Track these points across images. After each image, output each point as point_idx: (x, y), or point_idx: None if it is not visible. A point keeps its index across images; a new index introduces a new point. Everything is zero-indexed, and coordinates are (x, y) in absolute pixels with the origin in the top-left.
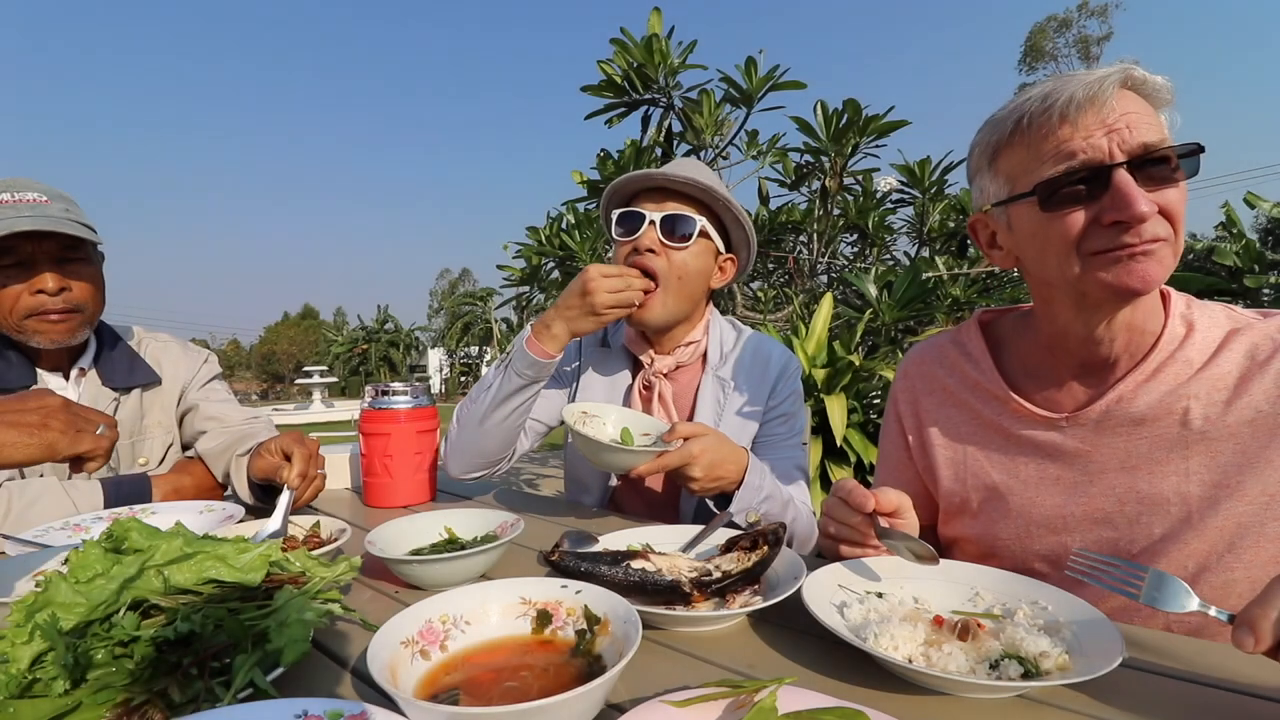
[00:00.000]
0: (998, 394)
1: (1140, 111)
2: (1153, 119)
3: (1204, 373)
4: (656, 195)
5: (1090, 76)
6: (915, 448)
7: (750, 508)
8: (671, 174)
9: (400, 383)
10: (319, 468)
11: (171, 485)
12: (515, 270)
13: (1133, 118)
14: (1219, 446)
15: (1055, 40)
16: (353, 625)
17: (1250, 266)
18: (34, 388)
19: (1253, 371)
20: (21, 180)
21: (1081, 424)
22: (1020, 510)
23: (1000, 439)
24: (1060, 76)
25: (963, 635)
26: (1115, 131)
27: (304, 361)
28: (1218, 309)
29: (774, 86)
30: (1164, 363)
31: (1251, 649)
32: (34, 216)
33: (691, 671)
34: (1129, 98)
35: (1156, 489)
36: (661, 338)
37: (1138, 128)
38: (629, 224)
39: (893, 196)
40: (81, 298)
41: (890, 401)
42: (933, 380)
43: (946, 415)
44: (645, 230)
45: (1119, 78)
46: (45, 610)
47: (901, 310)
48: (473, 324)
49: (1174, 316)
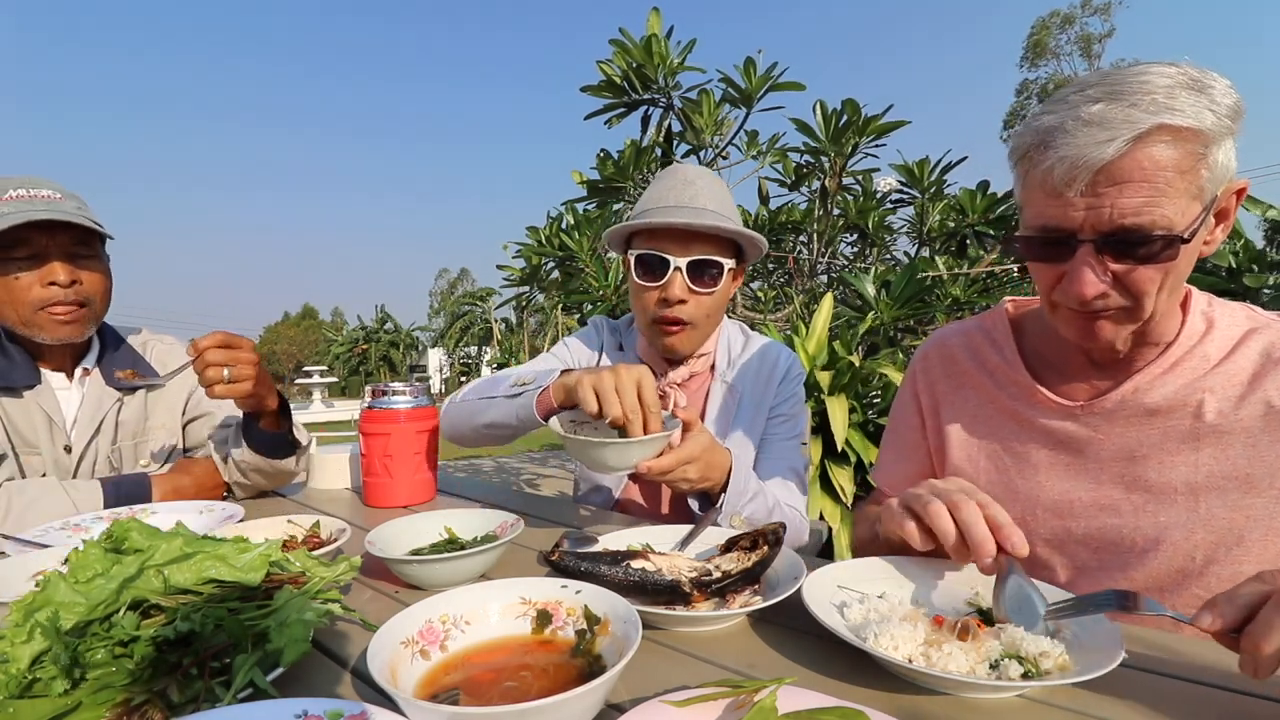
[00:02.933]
0: (1019, 380)
1: (1143, 182)
2: (1159, 188)
3: (1220, 368)
4: (678, 233)
5: (1103, 130)
6: (930, 428)
7: (736, 510)
8: (695, 223)
9: (400, 383)
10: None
11: (171, 485)
12: (515, 270)
13: (1124, 195)
14: (1229, 440)
15: (1058, 37)
16: (353, 625)
17: (1249, 266)
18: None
19: (1267, 369)
20: (36, 178)
21: (1096, 413)
22: (1027, 493)
23: (1014, 424)
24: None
25: (963, 635)
26: (1094, 210)
27: (304, 361)
28: (1238, 308)
29: (773, 87)
30: (1182, 357)
31: (1207, 625)
32: (49, 210)
33: (691, 671)
34: (1144, 157)
35: (1165, 479)
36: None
37: (1123, 207)
38: (652, 268)
39: (892, 196)
40: (91, 292)
41: (908, 379)
42: (953, 363)
43: (964, 397)
44: (672, 278)
45: (1142, 130)
46: (45, 610)
47: (900, 309)
48: (472, 324)
49: (1194, 313)
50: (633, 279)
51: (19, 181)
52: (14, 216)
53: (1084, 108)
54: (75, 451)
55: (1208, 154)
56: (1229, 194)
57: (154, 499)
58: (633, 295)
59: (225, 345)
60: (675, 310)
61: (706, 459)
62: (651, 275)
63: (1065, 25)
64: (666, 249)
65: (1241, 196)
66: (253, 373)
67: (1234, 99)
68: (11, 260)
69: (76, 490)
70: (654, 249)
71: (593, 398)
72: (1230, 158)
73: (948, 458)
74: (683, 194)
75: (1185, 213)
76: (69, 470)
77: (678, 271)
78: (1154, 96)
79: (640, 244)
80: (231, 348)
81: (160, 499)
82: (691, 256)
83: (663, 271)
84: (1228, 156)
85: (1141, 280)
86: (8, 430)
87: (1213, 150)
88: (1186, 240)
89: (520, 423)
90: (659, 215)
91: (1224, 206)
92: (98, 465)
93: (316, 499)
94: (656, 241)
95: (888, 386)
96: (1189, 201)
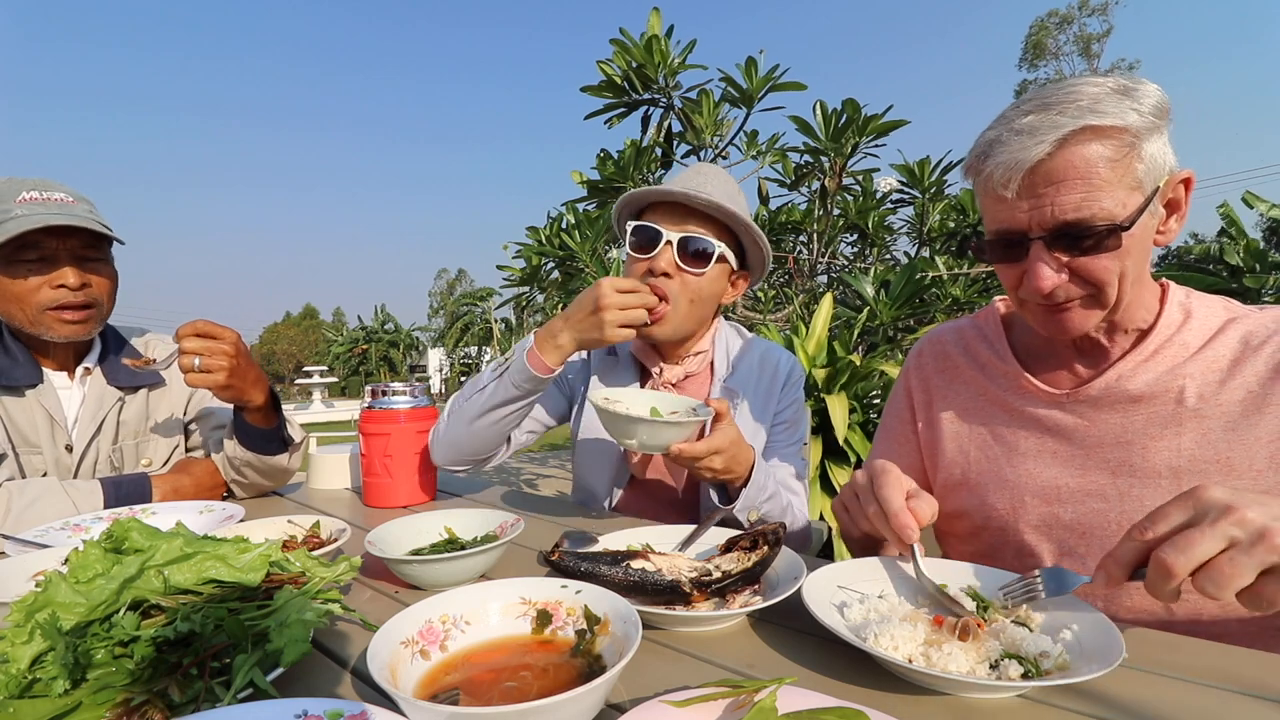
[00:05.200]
0: (1008, 371)
1: (1077, 179)
2: (1094, 183)
3: (1200, 355)
4: (676, 211)
5: (1031, 137)
6: (922, 421)
7: (754, 505)
8: (694, 194)
9: (400, 383)
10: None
11: (171, 485)
12: (515, 270)
13: (1061, 193)
14: (1210, 424)
15: (1057, 37)
16: (353, 625)
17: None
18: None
19: (1246, 355)
20: (48, 181)
21: (1081, 400)
22: (1015, 481)
23: (1004, 413)
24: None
25: (963, 635)
26: (1037, 210)
27: (304, 361)
28: (1216, 300)
29: (774, 87)
30: (1162, 345)
31: (1105, 585)
32: (62, 214)
33: (691, 671)
34: (1074, 156)
35: (1149, 463)
36: (670, 348)
37: (1062, 204)
38: (644, 239)
39: (893, 196)
40: (99, 294)
41: (902, 377)
42: (945, 358)
43: (955, 391)
44: (661, 251)
45: (1067, 132)
46: (45, 610)
47: (899, 309)
48: (472, 324)
49: (1171, 304)
50: (627, 254)
51: (32, 184)
52: (29, 220)
53: (1017, 120)
54: (76, 451)
55: (1138, 147)
56: (1174, 184)
57: (154, 499)
58: (626, 273)
59: (202, 334)
60: (662, 282)
61: (733, 451)
62: (643, 249)
63: (1064, 25)
64: (661, 222)
65: (1190, 187)
66: (227, 363)
67: (1159, 99)
68: (21, 262)
69: (77, 490)
70: (650, 222)
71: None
72: (1165, 151)
73: (940, 449)
74: (690, 180)
75: (1125, 204)
76: (70, 470)
77: (668, 245)
78: (1080, 103)
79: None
80: (209, 336)
81: (160, 499)
82: (685, 232)
83: (655, 245)
84: (1162, 150)
85: (1096, 269)
86: (8, 429)
87: (1143, 144)
88: (1127, 228)
89: (519, 389)
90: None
91: (1172, 197)
92: (99, 465)
93: (316, 499)
94: (653, 216)
95: (887, 386)
96: (1128, 193)
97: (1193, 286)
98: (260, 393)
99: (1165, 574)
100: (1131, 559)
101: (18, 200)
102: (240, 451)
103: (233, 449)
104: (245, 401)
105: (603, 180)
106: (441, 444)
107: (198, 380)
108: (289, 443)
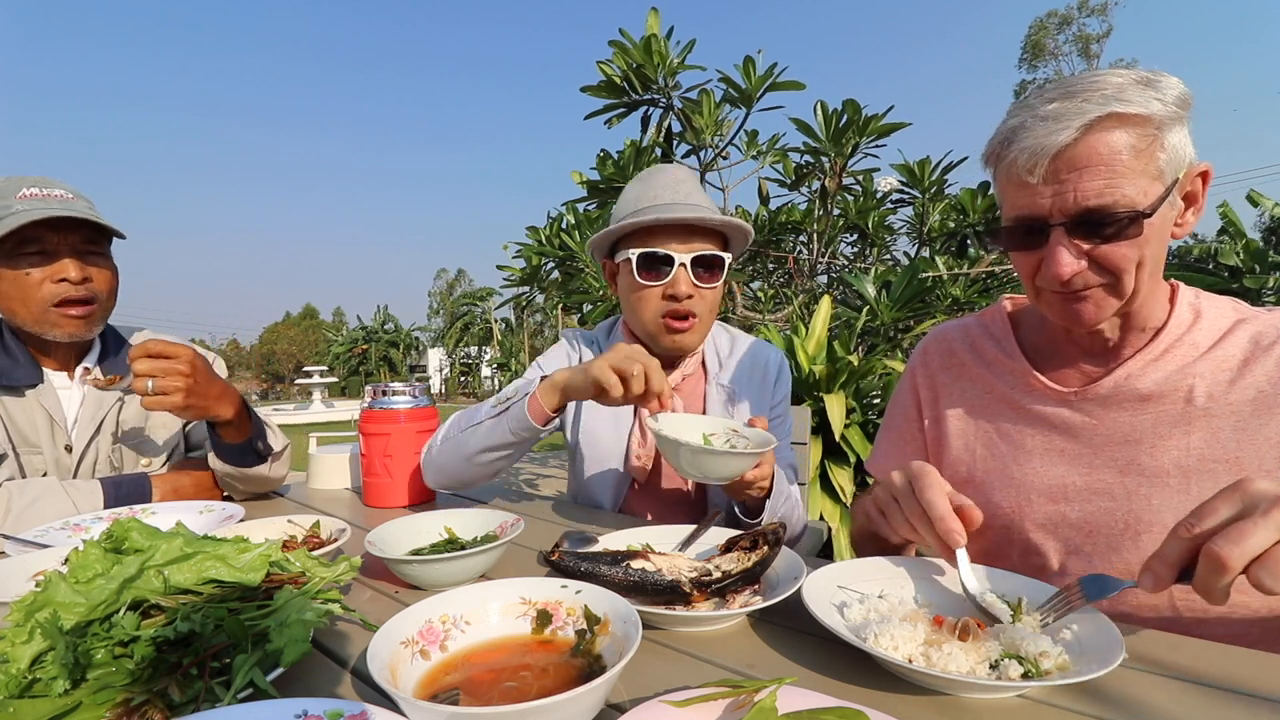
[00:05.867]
0: (1016, 369)
1: (1100, 165)
2: (1117, 170)
3: (1210, 354)
4: (679, 230)
5: (1056, 123)
6: (928, 418)
7: (774, 512)
8: (704, 218)
9: (400, 383)
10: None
11: (171, 485)
12: (515, 270)
13: (1085, 179)
14: (1219, 423)
15: (1056, 37)
16: (353, 625)
17: (1251, 267)
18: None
19: (1256, 355)
20: (48, 179)
21: (1090, 399)
22: (1022, 479)
23: (1012, 411)
24: (1031, 107)
25: (963, 635)
26: (1060, 195)
27: (304, 361)
28: (1225, 301)
29: (773, 86)
30: (1172, 344)
31: (1153, 588)
32: (63, 209)
33: (691, 671)
34: (1098, 142)
35: (1158, 462)
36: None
37: (1085, 190)
38: (656, 265)
39: (893, 197)
40: (101, 288)
41: (907, 374)
42: (952, 356)
43: (961, 389)
44: (677, 273)
45: (1092, 118)
46: (45, 610)
47: (899, 310)
48: (472, 324)
49: (1181, 304)
50: (632, 280)
51: (32, 181)
52: (29, 213)
53: (1041, 107)
54: (76, 451)
55: (1160, 137)
56: (1192, 177)
57: (154, 499)
58: (631, 297)
59: (154, 355)
60: (686, 305)
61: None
62: (654, 274)
63: (1063, 26)
64: (669, 246)
65: (1207, 180)
66: (183, 384)
67: (1181, 90)
68: (23, 256)
69: (77, 490)
70: (656, 247)
71: (616, 380)
72: (1186, 143)
73: (946, 447)
74: (676, 192)
75: (1147, 192)
76: (70, 470)
77: (682, 267)
78: (1104, 91)
79: (636, 244)
80: (161, 356)
81: (160, 499)
82: (695, 251)
83: (667, 269)
84: (1183, 141)
85: (1115, 257)
86: (9, 429)
87: (1165, 134)
88: (1149, 215)
89: (516, 436)
90: (660, 213)
91: (1190, 190)
92: (98, 465)
93: (316, 499)
94: (656, 239)
95: (888, 386)
96: (1149, 181)
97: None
98: (227, 407)
99: (1219, 568)
100: (1178, 558)
101: (18, 197)
102: (220, 465)
103: (214, 462)
104: (213, 418)
105: (603, 180)
106: (433, 469)
107: (153, 404)
108: (266, 454)
